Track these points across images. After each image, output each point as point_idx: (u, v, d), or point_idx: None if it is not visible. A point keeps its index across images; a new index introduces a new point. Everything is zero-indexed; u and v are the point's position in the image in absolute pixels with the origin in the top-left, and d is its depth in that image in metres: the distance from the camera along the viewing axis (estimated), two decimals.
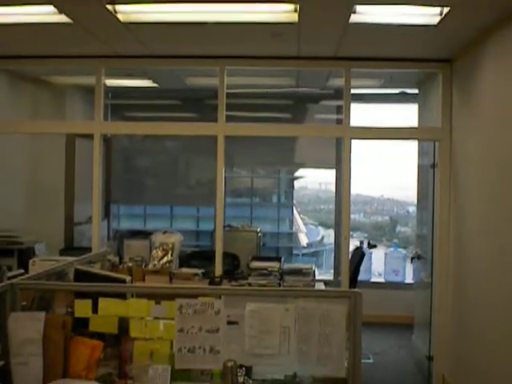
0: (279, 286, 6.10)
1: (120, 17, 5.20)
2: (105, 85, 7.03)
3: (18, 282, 3.47)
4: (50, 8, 5.05)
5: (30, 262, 5.69)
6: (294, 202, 12.65)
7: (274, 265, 6.34)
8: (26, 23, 5.43)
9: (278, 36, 5.69)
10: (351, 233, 7.06)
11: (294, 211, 12.65)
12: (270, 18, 5.22)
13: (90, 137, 7.03)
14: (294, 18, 5.12)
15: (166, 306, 3.29)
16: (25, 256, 6.34)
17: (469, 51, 5.84)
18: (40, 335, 3.27)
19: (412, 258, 7.96)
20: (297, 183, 12.87)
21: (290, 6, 4.97)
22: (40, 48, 6.58)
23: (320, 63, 6.79)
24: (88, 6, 4.89)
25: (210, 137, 6.87)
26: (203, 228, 11.64)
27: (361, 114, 7.67)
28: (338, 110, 8.81)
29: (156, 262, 6.36)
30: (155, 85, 8.73)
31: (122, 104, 10.11)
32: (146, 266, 6.40)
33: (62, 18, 5.26)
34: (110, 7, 4.99)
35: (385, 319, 8.83)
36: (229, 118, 6.80)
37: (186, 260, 6.88)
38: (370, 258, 10.14)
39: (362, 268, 8.05)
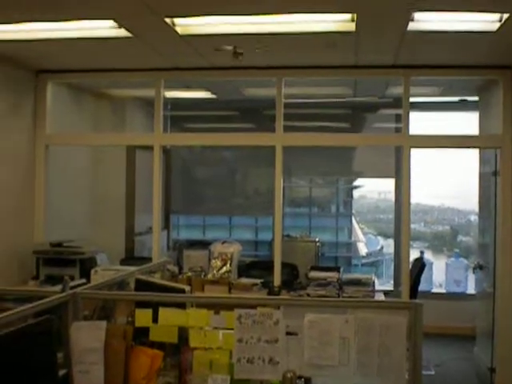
0: (338, 296, 6.05)
1: (178, 30, 5.27)
2: (164, 97, 7.12)
3: (81, 291, 3.52)
4: (111, 22, 5.16)
5: (92, 271, 5.80)
6: (353, 211, 12.58)
7: (333, 275, 6.30)
8: (86, 38, 5.55)
9: (335, 46, 5.67)
10: (411, 242, 6.97)
11: (353, 221, 12.58)
12: (328, 28, 5.21)
13: (149, 148, 7.13)
14: (352, 27, 5.11)
15: (225, 316, 3.29)
16: (87, 266, 6.44)
17: None
18: (101, 344, 3.31)
19: (474, 268, 7.81)
20: (355, 192, 12.81)
21: (347, 16, 4.97)
22: (100, 61, 6.73)
23: (378, 72, 6.75)
24: (147, 19, 4.98)
25: (268, 147, 6.88)
26: (261, 238, 11.67)
27: (420, 123, 7.57)
28: (397, 118, 8.72)
29: (215, 272, 6.39)
30: (213, 96, 8.80)
31: (180, 115, 10.21)
32: (205, 276, 6.44)
33: (122, 32, 5.37)
34: (168, 20, 5.06)
35: (446, 330, 8.69)
36: (286, 128, 6.81)
37: (244, 270, 6.89)
38: (431, 268, 9.99)
39: (423, 278, 7.93)
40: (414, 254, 8.21)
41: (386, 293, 7.05)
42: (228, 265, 6.40)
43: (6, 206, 6.65)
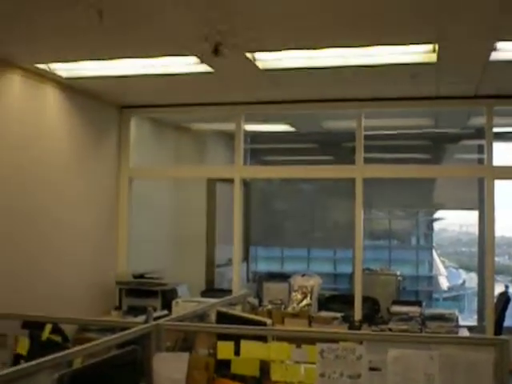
0: (421, 331, 5.93)
1: (259, 64, 5.34)
2: (244, 130, 7.20)
3: (164, 322, 3.57)
4: (193, 59, 5.26)
5: (173, 302, 5.86)
6: (434, 244, 12.36)
7: (415, 309, 6.19)
8: (169, 74, 5.69)
9: (416, 77, 5.63)
10: (495, 276, 6.78)
11: (434, 254, 12.35)
12: (408, 59, 5.17)
13: (229, 181, 7.20)
14: (433, 58, 5.06)
15: (307, 350, 3.27)
16: (168, 297, 6.51)
17: None
18: (184, 376, 3.33)
19: None
20: (436, 225, 12.58)
21: (429, 47, 4.92)
22: (182, 96, 6.88)
23: (459, 103, 6.65)
24: (228, 55, 5.05)
25: (347, 179, 6.85)
26: (340, 271, 11.57)
27: (504, 153, 7.40)
28: (480, 149, 8.55)
29: (295, 305, 6.37)
30: (292, 129, 8.84)
31: (260, 148, 10.30)
32: (285, 309, 6.43)
33: (204, 68, 5.47)
34: (249, 55, 5.13)
35: None
36: (366, 160, 6.77)
37: (324, 303, 6.85)
38: None
39: (508, 313, 7.68)
40: (498, 288, 7.97)
41: (470, 328, 6.87)
42: (308, 298, 6.37)
43: (91, 238, 6.82)
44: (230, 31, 4.37)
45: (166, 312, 4.64)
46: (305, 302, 6.36)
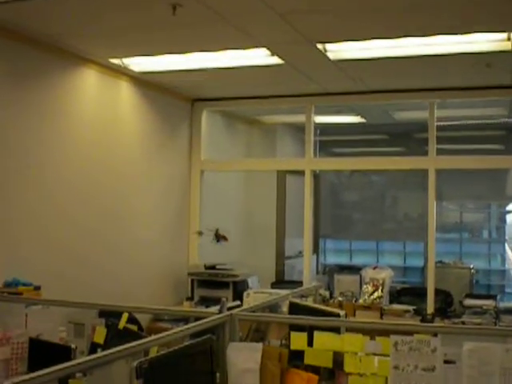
0: (495, 325, 5.82)
1: (330, 55, 5.33)
2: (314, 122, 7.19)
3: (238, 313, 3.59)
4: (263, 51, 5.29)
5: (245, 294, 5.92)
6: (506, 237, 12.08)
7: (489, 303, 6.08)
8: (240, 66, 5.73)
9: (490, 66, 5.52)
10: None
11: (506, 247, 12.08)
12: (482, 48, 5.08)
13: (299, 173, 7.21)
14: (508, 46, 4.96)
15: (381, 342, 3.25)
16: (239, 288, 6.58)
17: None
18: (258, 366, 3.34)
19: None
20: (509, 217, 12.29)
21: (503, 35, 4.82)
22: (253, 89, 6.91)
23: None
24: (299, 46, 5.07)
25: (418, 171, 6.77)
26: (410, 264, 11.44)
27: None
28: None
29: (366, 298, 6.34)
30: (363, 120, 8.78)
31: (329, 140, 10.25)
32: (356, 301, 6.40)
33: (275, 60, 5.50)
34: (320, 46, 5.12)
35: None
36: (438, 151, 6.67)
37: (395, 296, 6.79)
38: None
39: None
40: None
41: None
42: (379, 290, 6.33)
43: (164, 230, 6.94)
44: None
45: (238, 302, 4.67)
46: (376, 295, 6.33)
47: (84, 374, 2.80)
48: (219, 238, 6.86)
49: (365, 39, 5.03)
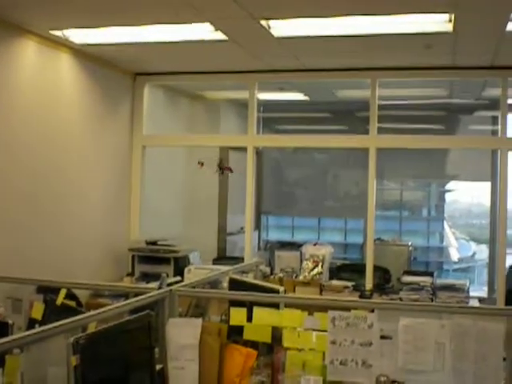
0: (431, 301, 5.96)
1: (274, 32, 5.31)
2: (257, 99, 7.18)
3: (177, 288, 3.60)
4: (207, 25, 5.24)
5: (186, 269, 5.91)
6: (445, 215, 12.33)
7: (427, 280, 6.21)
8: (183, 41, 5.67)
9: (431, 47, 5.59)
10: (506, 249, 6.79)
11: (445, 225, 12.33)
12: (424, 29, 5.14)
13: (242, 149, 7.21)
14: (449, 27, 5.02)
15: (319, 318, 3.29)
16: (180, 264, 6.57)
17: None
18: (197, 341, 3.37)
19: None
20: (448, 196, 12.53)
21: (445, 16, 4.88)
22: (196, 64, 6.85)
23: (475, 73, 6.60)
24: (243, 22, 5.04)
25: (360, 149, 6.84)
26: (351, 241, 11.59)
27: None
28: (494, 120, 8.50)
29: (306, 274, 6.42)
30: (306, 98, 8.81)
31: (273, 117, 10.26)
32: (296, 277, 6.47)
33: (218, 35, 5.45)
34: (263, 23, 5.11)
35: None
36: (379, 130, 6.75)
37: (335, 272, 6.88)
38: None
39: None
40: (508, 261, 7.98)
41: (480, 299, 6.89)
42: (319, 267, 6.41)
43: (104, 205, 6.87)
44: None
45: (178, 278, 4.67)
46: (316, 271, 6.40)
47: (21, 350, 2.77)
48: (223, 169, 6.38)
49: (308, 17, 5.03)
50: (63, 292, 3.68)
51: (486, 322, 3.16)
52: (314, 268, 6.43)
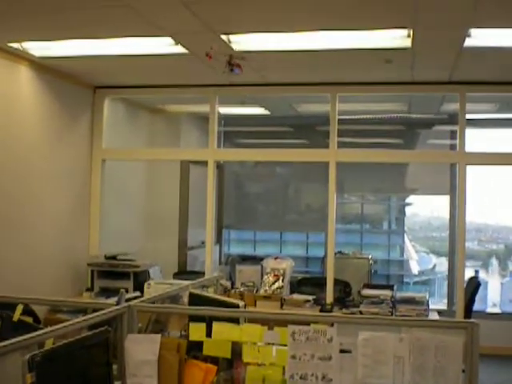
0: (391, 314, 5.98)
1: (234, 46, 5.32)
2: (218, 112, 7.18)
3: (136, 304, 3.55)
4: (168, 39, 5.23)
5: (146, 284, 5.85)
6: (405, 228, 12.44)
7: (386, 293, 6.23)
8: (143, 54, 5.65)
9: (391, 62, 5.65)
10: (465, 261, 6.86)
11: (405, 238, 12.43)
12: (383, 44, 5.19)
13: (203, 163, 7.19)
14: (408, 43, 5.09)
15: (279, 332, 3.28)
16: (140, 279, 6.51)
17: None
18: (156, 357, 3.33)
19: None
20: (408, 210, 12.65)
21: (404, 32, 4.94)
22: (157, 78, 6.84)
23: (434, 88, 6.70)
24: (204, 36, 5.04)
25: (322, 163, 6.87)
26: (312, 254, 11.62)
27: (476, 140, 7.47)
28: (452, 135, 8.62)
29: (267, 288, 6.40)
30: (267, 112, 8.83)
31: (234, 131, 10.27)
32: (257, 292, 6.45)
33: (179, 49, 5.45)
34: (224, 37, 5.11)
35: (501, 351, 8.50)
36: (340, 144, 6.80)
37: (296, 286, 6.88)
38: (486, 288, 9.81)
39: (477, 298, 7.78)
40: (467, 273, 8.07)
41: (439, 312, 6.95)
42: (280, 281, 6.40)
43: (63, 219, 6.79)
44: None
45: (137, 294, 4.62)
46: (277, 285, 6.39)
47: None
48: (233, 65, 5.83)
49: (268, 32, 5.05)
50: (20, 308, 3.62)
51: (444, 335, 3.18)
52: (274, 282, 6.42)
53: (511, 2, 4.11)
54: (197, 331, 3.40)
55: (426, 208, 14.29)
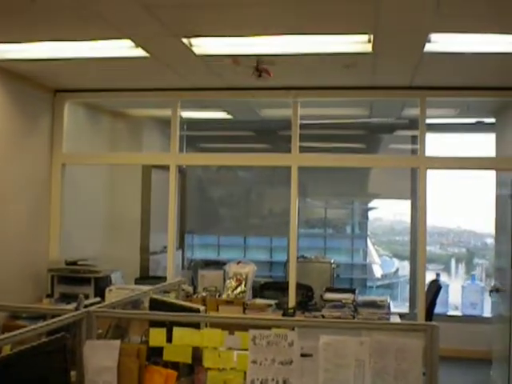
0: (353, 318, 6.02)
1: (195, 50, 5.30)
2: (180, 117, 7.15)
3: (95, 310, 3.51)
4: (128, 42, 5.19)
5: (107, 290, 5.80)
6: (368, 232, 12.53)
7: (348, 297, 6.26)
8: (104, 58, 5.60)
9: (351, 66, 5.67)
10: (427, 265, 6.92)
11: (368, 242, 12.52)
12: (344, 49, 5.22)
13: (165, 168, 7.15)
14: (368, 48, 5.12)
15: (240, 337, 3.27)
16: (101, 284, 6.45)
17: None
18: (115, 363, 3.29)
19: (490, 291, 7.72)
20: (371, 214, 12.75)
21: (364, 37, 4.97)
22: (118, 81, 6.78)
23: (394, 93, 6.75)
24: (164, 39, 5.01)
25: (284, 167, 6.88)
26: (276, 259, 11.63)
27: (436, 144, 7.55)
28: (413, 140, 8.71)
29: (230, 293, 6.38)
30: (229, 116, 8.83)
31: (196, 135, 10.25)
32: (219, 296, 6.43)
33: (139, 52, 5.41)
34: (185, 41, 5.09)
35: (462, 354, 8.58)
36: (302, 149, 6.81)
37: (259, 291, 6.88)
38: (447, 291, 9.90)
39: (439, 301, 7.85)
40: (429, 277, 8.14)
41: (401, 315, 7.00)
42: (243, 285, 6.39)
43: (23, 224, 6.69)
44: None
45: (98, 299, 4.57)
46: (239, 290, 6.38)
47: None
48: (261, 70, 5.43)
49: (230, 36, 5.05)
50: None
51: (404, 338, 3.19)
52: (237, 287, 6.40)
53: (471, 7, 4.14)
54: (157, 336, 3.37)
55: (389, 212, 14.42)
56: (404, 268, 12.35)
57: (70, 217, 7.29)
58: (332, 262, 8.00)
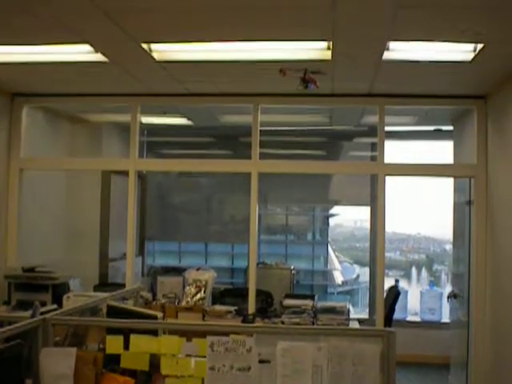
0: (313, 324, 6.03)
1: (155, 55, 5.28)
2: (140, 122, 7.11)
3: (51, 317, 3.47)
4: (87, 47, 5.15)
5: (64, 297, 5.72)
6: (329, 239, 12.59)
7: (308, 303, 6.27)
8: (62, 62, 5.54)
9: (318, 74, 5.68)
10: (387, 271, 6.97)
11: (329, 249, 12.59)
12: (304, 56, 5.24)
13: (125, 173, 7.10)
14: (328, 55, 5.14)
15: (198, 344, 3.26)
16: (59, 291, 6.36)
17: (504, 87, 5.80)
18: (71, 371, 3.26)
19: (448, 297, 7.81)
20: (332, 221, 12.83)
21: (323, 44, 5.00)
22: (77, 86, 6.71)
23: (354, 100, 6.80)
24: (124, 45, 4.98)
25: (244, 174, 6.88)
26: (238, 265, 11.63)
27: (395, 151, 7.62)
28: (373, 147, 8.79)
29: (189, 299, 6.35)
30: (190, 122, 8.80)
31: (157, 141, 10.21)
32: (179, 303, 6.39)
33: (99, 57, 5.37)
34: (145, 46, 5.07)
35: (420, 359, 8.67)
36: (263, 156, 6.82)
37: (218, 297, 6.86)
38: (406, 297, 10.00)
39: (398, 307, 7.93)
40: (389, 283, 8.21)
41: (361, 321, 7.05)
42: (202, 292, 6.36)
43: None
44: None
45: (54, 306, 4.52)
46: (199, 296, 6.35)
47: None
48: (308, 81, 5.26)
49: (190, 42, 5.04)
50: None
51: (362, 344, 3.21)
52: (196, 293, 6.37)
53: (429, 16, 4.19)
54: (114, 344, 3.34)
55: (350, 219, 14.54)
56: (365, 274, 12.45)
57: (28, 223, 7.19)
58: (292, 268, 8.03)
